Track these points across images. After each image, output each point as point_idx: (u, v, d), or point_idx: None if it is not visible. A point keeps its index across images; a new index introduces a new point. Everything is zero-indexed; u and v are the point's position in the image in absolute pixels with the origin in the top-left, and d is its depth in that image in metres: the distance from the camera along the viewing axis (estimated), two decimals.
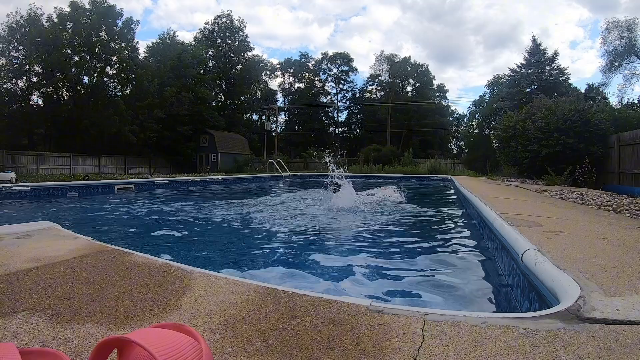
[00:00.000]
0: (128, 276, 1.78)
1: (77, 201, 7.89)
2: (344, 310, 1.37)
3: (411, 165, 24.49)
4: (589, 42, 65.93)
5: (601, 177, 11.09)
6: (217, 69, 40.10)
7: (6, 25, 24.48)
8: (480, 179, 14.05)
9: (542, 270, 1.67)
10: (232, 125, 37.72)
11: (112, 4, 27.31)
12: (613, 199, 5.97)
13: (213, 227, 4.99)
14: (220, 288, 1.61)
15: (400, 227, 4.90)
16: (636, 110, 18.35)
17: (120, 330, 1.22)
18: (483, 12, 66.74)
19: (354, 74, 50.36)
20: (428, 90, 46.59)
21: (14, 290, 1.57)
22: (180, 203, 7.77)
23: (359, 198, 7.58)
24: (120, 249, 2.37)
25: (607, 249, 2.17)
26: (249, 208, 6.85)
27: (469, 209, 5.73)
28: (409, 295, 2.36)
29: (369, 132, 45.78)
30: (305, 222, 5.17)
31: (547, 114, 12.45)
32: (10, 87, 24.86)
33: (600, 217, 3.81)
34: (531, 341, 1.10)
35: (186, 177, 13.68)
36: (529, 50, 26.63)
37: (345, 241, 4.02)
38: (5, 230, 2.87)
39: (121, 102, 26.79)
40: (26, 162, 22.17)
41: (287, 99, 49.88)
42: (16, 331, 1.20)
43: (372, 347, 1.09)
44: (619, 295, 1.40)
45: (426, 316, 1.29)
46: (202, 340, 0.74)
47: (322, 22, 75.06)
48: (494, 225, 3.01)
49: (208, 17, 78.96)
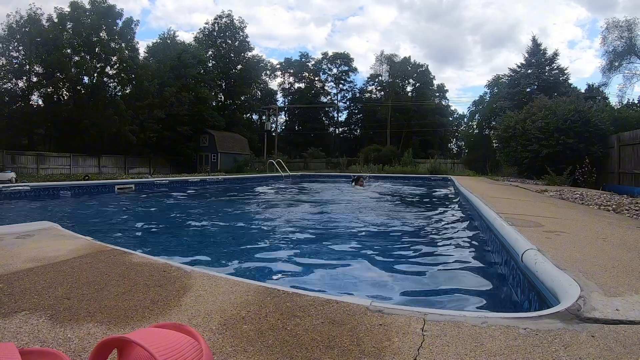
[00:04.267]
0: (128, 276, 1.78)
1: (77, 201, 7.89)
2: (344, 310, 1.37)
3: (411, 165, 24.47)
4: (588, 42, 66.02)
5: (601, 177, 11.08)
6: (217, 69, 40.10)
7: (6, 25, 24.48)
8: (480, 179, 14.05)
9: (542, 270, 1.67)
10: (232, 125, 37.72)
11: (112, 4, 27.34)
12: (613, 199, 5.97)
13: (213, 227, 4.99)
14: (220, 288, 1.61)
15: (400, 227, 4.90)
16: (636, 110, 18.36)
17: (120, 330, 1.22)
18: (481, 11, 66.75)
19: (354, 74, 50.44)
20: (428, 90, 46.60)
21: (14, 290, 1.57)
22: (180, 203, 7.78)
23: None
24: (120, 249, 2.37)
25: (607, 249, 2.17)
26: (248, 208, 6.85)
27: (468, 208, 5.73)
28: (409, 295, 2.36)
29: (369, 132, 45.78)
30: (306, 221, 5.17)
31: (547, 114, 12.45)
32: (10, 87, 24.86)
33: (600, 217, 3.81)
34: (531, 341, 1.10)
35: (186, 177, 13.67)
36: (528, 50, 26.61)
37: (345, 241, 4.02)
38: (5, 230, 2.87)
39: (121, 102, 26.79)
40: (26, 162, 22.16)
41: (287, 99, 49.89)
42: (16, 331, 1.20)
43: (372, 347, 1.09)
44: (619, 295, 1.40)
45: (426, 316, 1.29)
46: (202, 340, 0.74)
47: (319, 22, 75.13)
48: (494, 225, 3.01)
49: (206, 18, 79.27)
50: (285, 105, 49.23)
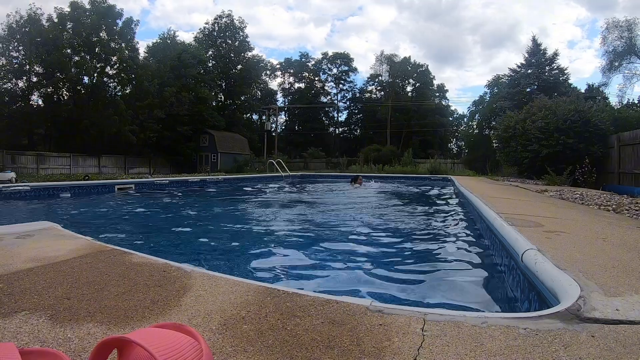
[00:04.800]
0: (128, 276, 1.78)
1: (77, 201, 7.89)
2: (344, 310, 1.37)
3: (411, 165, 24.46)
4: (587, 42, 66.02)
5: (601, 177, 11.08)
6: (217, 69, 40.10)
7: (6, 25, 24.48)
8: (480, 179, 14.05)
9: (542, 270, 1.67)
10: (232, 125, 37.72)
11: (112, 4, 27.35)
12: (613, 199, 5.97)
13: (213, 227, 4.99)
14: (220, 288, 1.61)
15: (400, 227, 4.90)
16: (636, 110, 18.35)
17: (120, 330, 1.22)
18: (480, 11, 66.75)
19: (353, 74, 50.47)
20: (428, 90, 46.61)
21: (14, 290, 1.57)
22: (180, 203, 7.78)
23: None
24: (120, 249, 2.37)
25: (607, 249, 2.17)
26: (248, 208, 6.85)
27: (468, 208, 5.73)
28: (409, 295, 2.36)
29: (369, 132, 45.79)
30: (306, 221, 5.17)
31: (547, 114, 12.44)
32: (10, 87, 24.87)
33: (600, 217, 3.81)
34: (531, 341, 1.10)
35: (186, 177, 13.67)
36: (529, 50, 26.61)
37: (345, 241, 4.02)
38: (5, 230, 2.87)
39: (121, 102, 26.79)
40: (26, 162, 22.17)
41: (287, 99, 49.90)
42: (16, 331, 1.20)
43: (372, 347, 1.09)
44: (619, 295, 1.40)
45: (426, 316, 1.29)
46: (202, 340, 0.74)
47: (318, 22, 75.18)
48: (494, 225, 3.01)
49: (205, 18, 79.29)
50: (285, 105, 49.23)
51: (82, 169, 24.47)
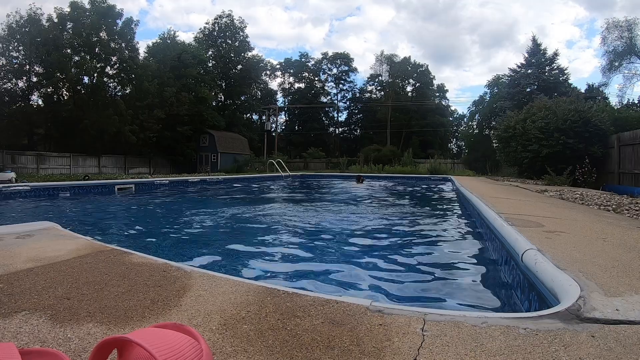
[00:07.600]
0: (128, 276, 1.78)
1: (77, 201, 7.89)
2: (344, 310, 1.37)
3: (411, 165, 24.48)
4: (586, 42, 65.98)
5: (601, 177, 11.08)
6: (217, 69, 40.07)
7: (6, 25, 24.43)
8: (480, 179, 14.05)
9: (542, 270, 1.67)
10: (232, 125, 37.71)
11: (112, 4, 27.30)
12: (613, 199, 5.97)
13: (213, 227, 4.99)
14: (220, 288, 1.61)
15: (401, 228, 4.90)
16: (636, 110, 18.32)
17: (120, 330, 1.22)
18: (478, 11, 66.54)
19: (353, 74, 50.41)
20: (428, 90, 46.59)
21: (14, 290, 1.57)
22: (180, 203, 7.78)
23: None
24: (120, 249, 2.37)
25: (607, 249, 2.17)
26: (248, 208, 6.85)
27: (468, 208, 5.73)
28: (409, 295, 2.36)
29: (369, 132, 45.78)
30: (305, 221, 5.17)
31: (547, 114, 12.45)
32: (10, 87, 24.83)
33: (600, 217, 3.81)
34: (531, 341, 1.10)
35: (186, 177, 13.68)
36: (528, 50, 26.58)
37: (345, 241, 4.02)
38: (5, 230, 2.87)
39: (121, 102, 26.76)
40: (26, 162, 22.16)
41: (287, 99, 49.88)
42: (16, 331, 1.20)
43: (372, 347, 1.09)
44: (618, 295, 1.40)
45: (426, 316, 1.29)
46: (202, 340, 0.74)
47: (316, 22, 75.05)
48: (494, 225, 3.01)
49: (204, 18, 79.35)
50: (285, 105, 49.21)
51: (82, 169, 24.47)
